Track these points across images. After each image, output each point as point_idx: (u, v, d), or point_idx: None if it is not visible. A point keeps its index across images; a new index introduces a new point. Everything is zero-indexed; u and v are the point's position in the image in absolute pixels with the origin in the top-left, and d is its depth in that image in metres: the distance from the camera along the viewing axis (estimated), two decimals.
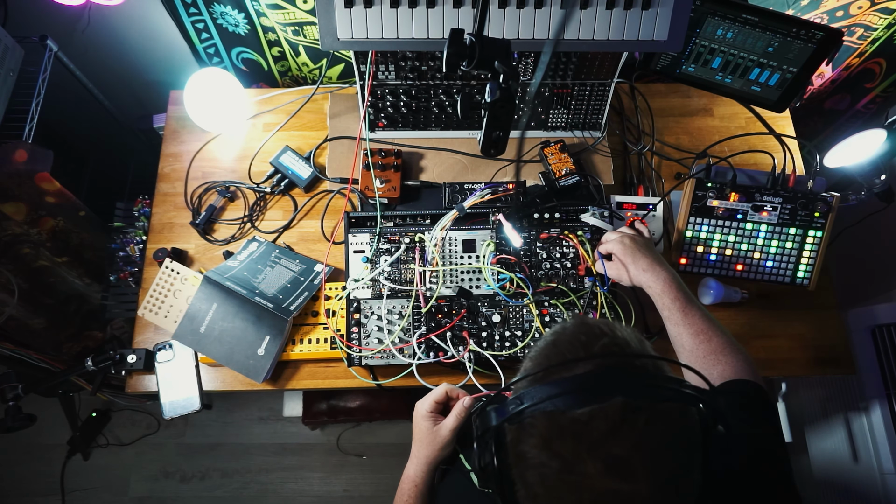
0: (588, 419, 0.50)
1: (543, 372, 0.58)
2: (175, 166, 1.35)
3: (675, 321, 0.94)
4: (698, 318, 0.92)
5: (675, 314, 0.94)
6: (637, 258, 1.02)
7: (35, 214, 1.41)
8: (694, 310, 0.93)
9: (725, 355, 0.88)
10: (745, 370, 0.85)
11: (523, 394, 0.54)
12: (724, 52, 1.18)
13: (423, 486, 0.90)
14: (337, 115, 1.38)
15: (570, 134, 1.36)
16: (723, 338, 0.90)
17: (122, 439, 2.14)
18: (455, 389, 0.94)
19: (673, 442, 0.52)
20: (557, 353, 0.59)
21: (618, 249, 1.05)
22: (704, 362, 0.88)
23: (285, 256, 1.23)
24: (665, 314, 0.96)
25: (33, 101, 1.32)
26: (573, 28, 1.02)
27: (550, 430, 0.52)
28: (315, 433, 2.16)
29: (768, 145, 1.38)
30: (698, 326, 0.91)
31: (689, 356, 0.91)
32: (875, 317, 1.53)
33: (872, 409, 1.53)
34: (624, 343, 0.58)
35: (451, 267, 1.13)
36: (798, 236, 1.23)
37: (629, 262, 1.03)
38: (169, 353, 1.15)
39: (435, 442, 0.90)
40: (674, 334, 0.95)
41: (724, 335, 0.91)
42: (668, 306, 0.96)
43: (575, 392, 0.52)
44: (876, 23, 1.29)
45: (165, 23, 1.40)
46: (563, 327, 0.62)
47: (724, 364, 0.86)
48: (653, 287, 0.99)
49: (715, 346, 0.89)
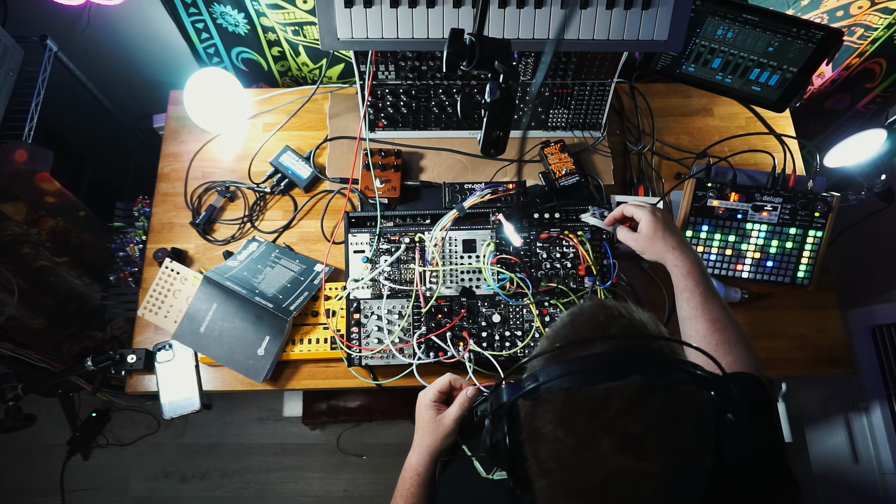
0: (604, 396, 0.50)
1: (560, 349, 0.57)
2: (175, 166, 1.35)
3: (694, 304, 0.93)
4: (717, 307, 0.92)
5: (697, 297, 0.93)
6: (668, 234, 0.99)
7: (35, 214, 1.41)
8: (715, 298, 0.93)
9: (737, 347, 0.87)
10: (752, 366, 0.86)
11: (539, 371, 0.54)
12: (724, 52, 1.18)
13: (425, 474, 0.91)
14: (337, 115, 1.38)
15: (570, 134, 1.36)
16: (736, 330, 0.90)
17: (121, 439, 2.14)
18: (459, 379, 0.94)
19: (687, 424, 0.52)
20: (575, 331, 0.59)
21: (648, 219, 1.01)
22: (715, 351, 0.88)
23: (285, 256, 1.23)
24: (686, 295, 0.95)
25: (33, 100, 1.32)
26: (573, 28, 1.02)
27: (566, 406, 0.52)
28: (315, 433, 2.16)
29: (768, 145, 1.38)
30: (716, 314, 0.91)
31: (700, 342, 0.90)
32: (875, 317, 1.53)
33: (873, 409, 1.53)
34: (641, 325, 0.58)
35: (451, 267, 1.13)
36: (798, 236, 1.23)
37: (659, 235, 0.99)
38: (169, 353, 1.15)
39: (438, 431, 0.90)
40: (689, 317, 0.94)
41: (738, 328, 0.90)
42: (690, 288, 0.94)
43: (592, 370, 0.52)
44: (876, 23, 1.29)
45: (165, 23, 1.40)
46: (580, 308, 0.62)
47: (734, 356, 0.86)
48: (679, 266, 0.96)
49: (728, 336, 0.88)
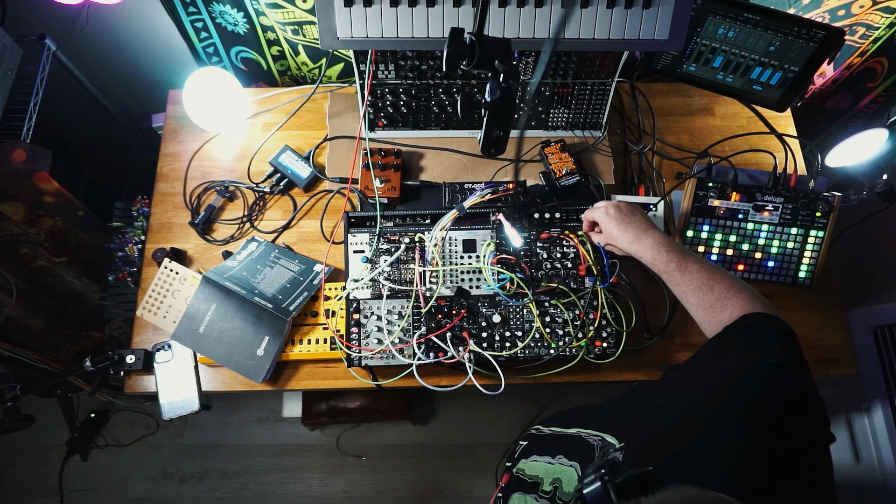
0: None
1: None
2: (174, 166, 1.34)
3: (675, 281, 0.93)
4: (696, 272, 0.90)
5: (674, 275, 0.93)
6: (623, 230, 1.00)
7: (33, 214, 1.41)
8: (690, 264, 0.92)
9: (730, 298, 0.85)
10: (752, 304, 0.83)
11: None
12: (725, 51, 1.17)
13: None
14: (336, 115, 1.38)
15: (570, 133, 1.36)
16: (725, 282, 0.88)
17: (120, 440, 2.14)
18: None
19: None
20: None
21: (602, 220, 1.04)
22: (712, 311, 0.87)
23: (285, 256, 1.23)
24: (664, 278, 0.95)
25: (31, 100, 1.31)
26: (574, 27, 1.02)
27: None
28: (314, 434, 2.16)
29: (769, 145, 1.38)
30: (698, 280, 0.90)
31: (696, 311, 0.90)
32: (877, 317, 1.53)
33: (874, 410, 1.52)
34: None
35: (451, 267, 1.12)
36: (799, 236, 1.23)
37: (615, 234, 1.02)
38: (168, 354, 1.14)
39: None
40: (678, 294, 0.93)
41: (726, 279, 0.88)
42: (662, 270, 0.95)
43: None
44: (878, 22, 1.29)
45: (164, 22, 1.40)
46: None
47: (731, 307, 0.84)
48: (644, 257, 0.98)
49: (718, 293, 0.87)
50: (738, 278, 0.89)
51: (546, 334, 1.10)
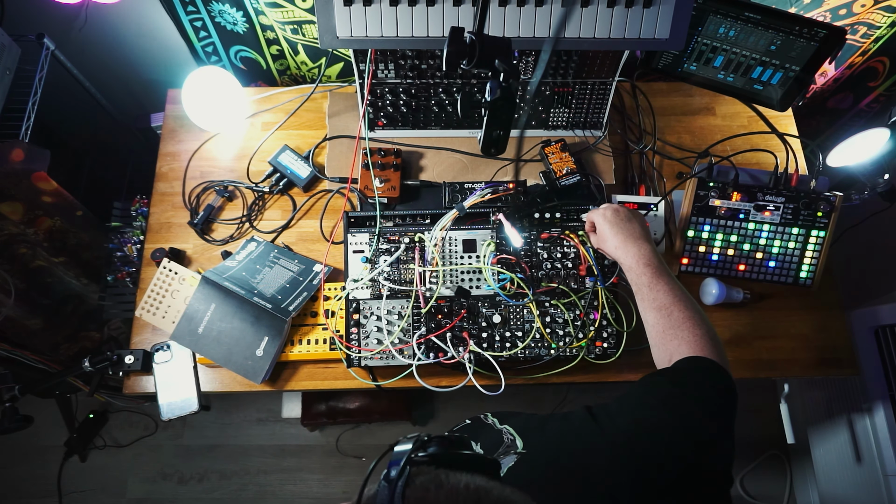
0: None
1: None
2: (173, 165, 1.34)
3: (641, 296, 0.92)
4: (663, 293, 0.88)
5: (642, 289, 0.92)
6: (614, 233, 1.00)
7: (32, 214, 1.40)
8: (661, 284, 0.90)
9: (684, 330, 0.83)
10: (702, 346, 0.80)
11: None
12: (726, 50, 1.17)
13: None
14: (336, 114, 1.37)
15: (571, 133, 1.36)
16: (686, 312, 0.85)
17: (119, 441, 2.13)
18: None
19: None
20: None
21: (598, 220, 1.04)
22: (664, 337, 0.85)
23: (284, 256, 1.22)
24: (634, 290, 0.95)
25: (30, 99, 1.31)
26: (574, 26, 1.01)
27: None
28: (314, 434, 2.15)
29: (771, 144, 1.38)
30: (661, 301, 0.88)
31: (650, 332, 0.89)
32: (878, 317, 1.52)
33: (876, 410, 1.52)
34: None
35: (451, 267, 1.12)
36: (801, 236, 1.23)
37: (606, 236, 1.02)
38: (167, 354, 1.14)
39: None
40: (641, 310, 0.92)
41: (689, 310, 0.85)
42: (634, 282, 0.94)
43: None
44: (879, 21, 1.28)
45: (163, 21, 1.39)
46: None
47: (681, 340, 0.82)
48: (624, 264, 0.98)
49: (675, 320, 0.85)
50: (702, 315, 0.86)
51: (546, 334, 1.10)
